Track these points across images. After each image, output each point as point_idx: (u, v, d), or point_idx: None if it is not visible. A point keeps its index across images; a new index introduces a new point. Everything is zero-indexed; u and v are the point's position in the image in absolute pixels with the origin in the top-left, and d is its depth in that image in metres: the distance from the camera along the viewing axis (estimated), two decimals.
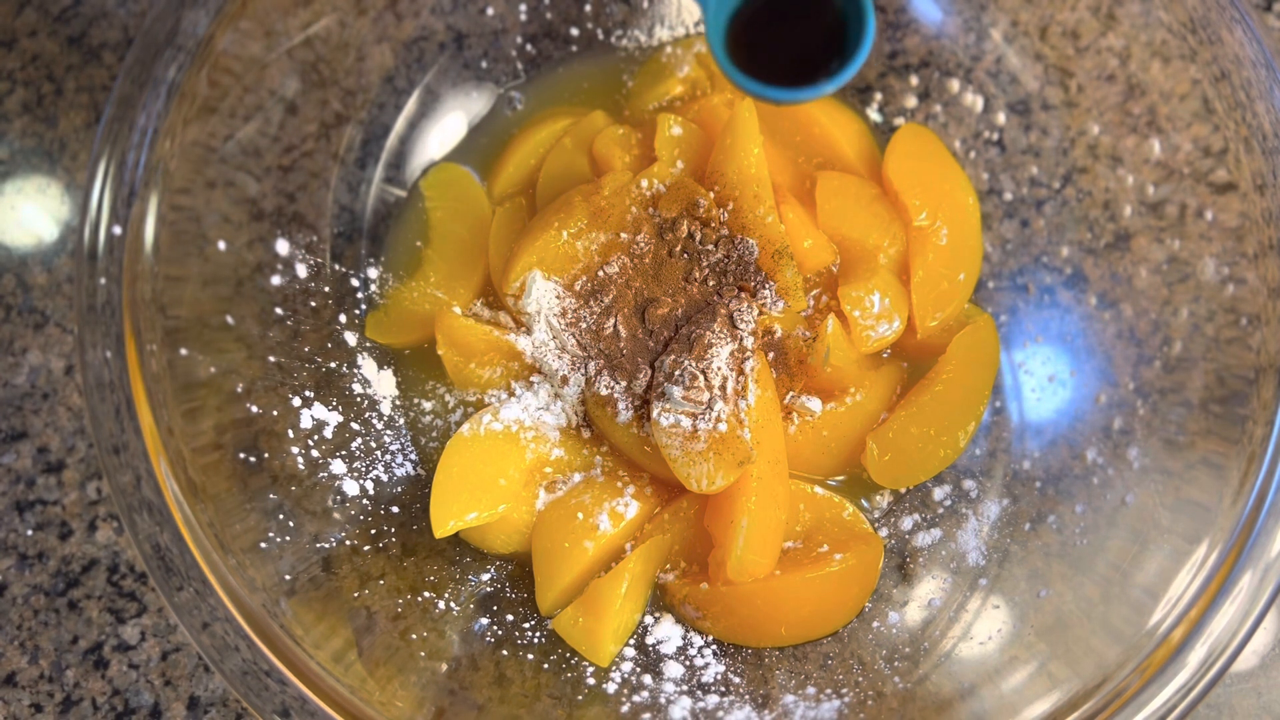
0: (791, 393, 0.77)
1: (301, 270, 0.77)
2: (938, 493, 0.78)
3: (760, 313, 0.75)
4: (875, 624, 0.74)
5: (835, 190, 0.81)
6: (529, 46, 0.88)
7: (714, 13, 0.61)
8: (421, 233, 0.83)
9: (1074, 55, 0.78)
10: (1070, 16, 0.78)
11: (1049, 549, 0.72)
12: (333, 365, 0.78)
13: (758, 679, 0.72)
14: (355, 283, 0.81)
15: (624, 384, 0.73)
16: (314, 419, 0.73)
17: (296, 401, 0.73)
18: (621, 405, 0.73)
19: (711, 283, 0.76)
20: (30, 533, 0.81)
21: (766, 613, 0.72)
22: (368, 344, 0.80)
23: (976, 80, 0.84)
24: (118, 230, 0.65)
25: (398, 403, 0.80)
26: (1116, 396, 0.74)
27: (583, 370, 0.74)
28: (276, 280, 0.76)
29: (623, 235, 0.78)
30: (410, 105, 0.85)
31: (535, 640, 0.72)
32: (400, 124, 0.85)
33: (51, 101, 0.90)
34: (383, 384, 0.79)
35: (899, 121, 0.86)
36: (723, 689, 0.71)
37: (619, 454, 0.77)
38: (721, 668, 0.72)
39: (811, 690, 0.70)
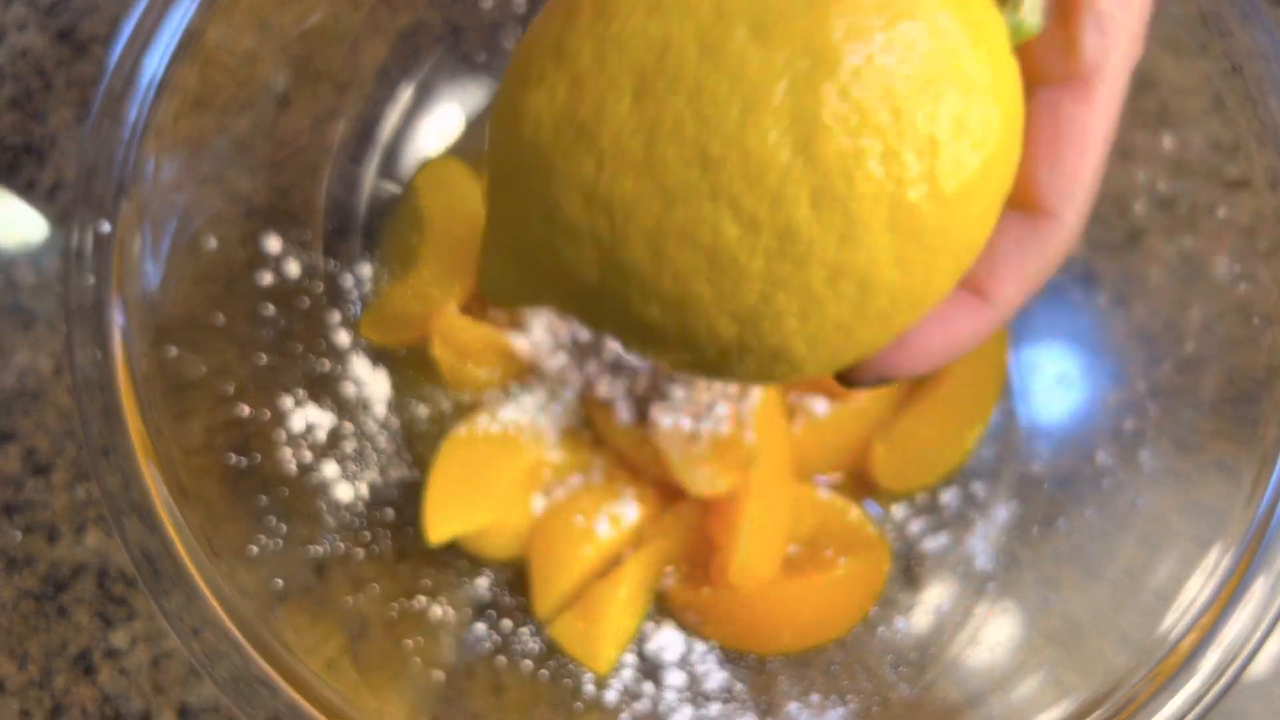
0: (795, 393, 0.76)
1: (294, 268, 0.77)
2: (945, 496, 0.77)
3: None
4: (881, 629, 0.73)
5: None
6: None
7: None
8: (416, 229, 0.82)
9: None
10: None
11: (1058, 553, 0.71)
12: (325, 365, 0.77)
13: (761, 686, 0.71)
14: (349, 280, 0.81)
15: (624, 385, 0.72)
16: (306, 420, 0.73)
17: (289, 402, 0.72)
18: (621, 406, 0.72)
19: None
20: (18, 536, 0.80)
21: (769, 618, 0.71)
22: (361, 343, 0.79)
23: None
24: (106, 228, 0.64)
25: (391, 404, 0.79)
26: (1127, 397, 0.73)
27: (581, 370, 0.74)
28: (268, 278, 0.75)
29: None
30: (405, 99, 0.85)
31: (532, 647, 0.72)
32: (395, 119, 0.84)
33: (40, 96, 0.90)
34: (376, 384, 0.79)
35: None
36: (725, 697, 0.70)
37: (618, 456, 0.76)
38: (724, 675, 0.72)
39: (816, 698, 0.70)
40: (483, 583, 0.75)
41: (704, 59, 0.31)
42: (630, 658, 0.72)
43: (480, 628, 0.72)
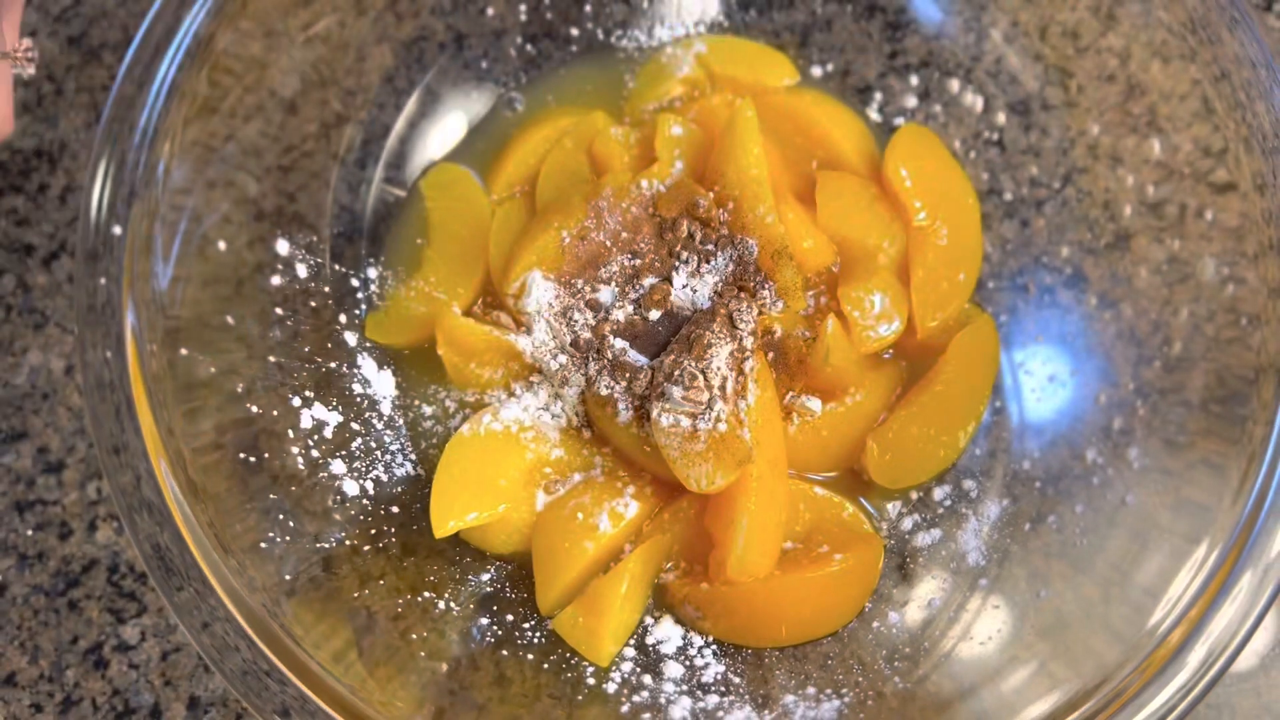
0: (791, 393, 0.77)
1: (301, 270, 0.77)
2: (938, 493, 0.78)
3: (760, 313, 0.75)
4: (875, 624, 0.74)
5: (835, 190, 0.81)
6: (529, 47, 0.88)
7: None
8: (421, 233, 0.83)
9: (1074, 55, 0.78)
10: (1070, 16, 0.78)
11: (1049, 549, 0.72)
12: (333, 365, 0.78)
13: (758, 679, 0.72)
14: (355, 283, 0.82)
15: (624, 384, 0.73)
16: (314, 419, 0.73)
17: (296, 401, 0.73)
18: (621, 405, 0.73)
19: (711, 282, 0.76)
20: (30, 533, 0.81)
21: (766, 613, 0.72)
22: (367, 344, 0.80)
23: (976, 80, 0.84)
24: (117, 230, 0.65)
25: (398, 403, 0.80)
26: (1116, 396, 0.74)
27: (582, 370, 0.74)
28: (276, 280, 0.76)
29: (623, 235, 0.78)
30: (410, 105, 0.85)
31: (535, 640, 0.72)
32: (400, 124, 0.85)
33: (51, 101, 0.90)
34: (383, 384, 0.79)
35: (899, 121, 0.86)
36: (723, 689, 0.71)
37: (619, 454, 0.77)
38: (721, 668, 0.72)
39: (812, 690, 0.70)
40: (486, 578, 0.76)
41: None
42: (630, 650, 0.73)
43: (484, 621, 0.73)
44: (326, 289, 0.79)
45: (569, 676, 0.71)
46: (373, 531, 0.73)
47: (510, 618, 0.73)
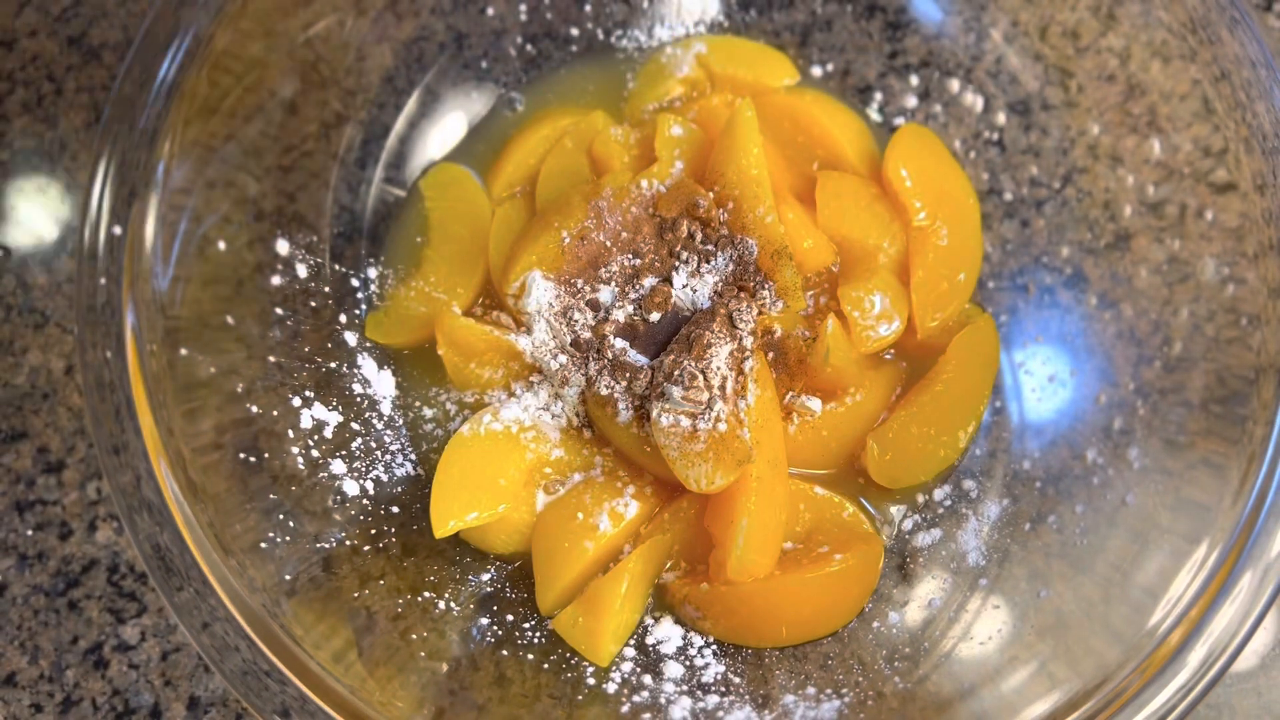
0: (791, 392, 0.77)
1: (301, 270, 0.77)
2: (938, 493, 0.78)
3: (760, 313, 0.75)
4: (875, 624, 0.74)
5: (835, 190, 0.81)
6: (529, 47, 0.88)
7: None
8: (421, 233, 0.83)
9: (1074, 55, 0.78)
10: (1070, 16, 0.78)
11: (1049, 549, 0.72)
12: (333, 365, 0.78)
13: (758, 679, 0.72)
14: (355, 283, 0.82)
15: (624, 384, 0.73)
16: (314, 419, 0.73)
17: (296, 401, 0.73)
18: (621, 405, 0.73)
19: (711, 282, 0.76)
20: (30, 533, 0.81)
21: (767, 613, 0.72)
22: (368, 344, 0.80)
23: (976, 80, 0.84)
24: (118, 230, 0.65)
25: (398, 403, 0.80)
26: (1117, 396, 0.74)
27: (583, 370, 0.74)
28: (276, 280, 0.76)
29: (623, 235, 0.78)
30: (410, 105, 0.85)
31: (535, 640, 0.72)
32: (400, 124, 0.85)
33: (51, 101, 0.90)
34: (383, 384, 0.79)
35: (899, 121, 0.86)
36: (723, 689, 0.71)
37: (619, 454, 0.77)
38: (721, 668, 0.72)
39: (812, 690, 0.71)
40: (486, 578, 0.76)
41: None
42: (630, 650, 0.73)
43: (484, 621, 0.73)
44: (326, 289, 0.79)
45: (569, 676, 0.71)
46: (373, 531, 0.73)
47: (510, 618, 0.73)
